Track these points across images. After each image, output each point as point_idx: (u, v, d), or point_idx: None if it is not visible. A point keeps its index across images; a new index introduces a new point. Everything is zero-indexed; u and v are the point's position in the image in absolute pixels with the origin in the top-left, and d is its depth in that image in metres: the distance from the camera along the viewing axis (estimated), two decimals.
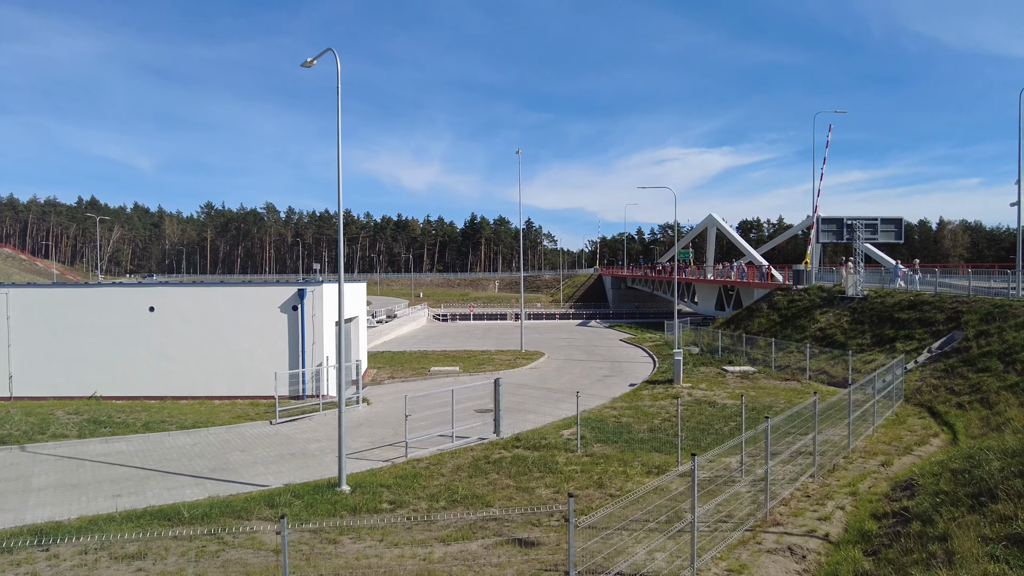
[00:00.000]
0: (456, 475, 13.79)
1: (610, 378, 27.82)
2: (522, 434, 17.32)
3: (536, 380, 27.32)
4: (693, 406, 20.59)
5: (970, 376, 19.48)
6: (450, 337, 50.83)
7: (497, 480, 13.37)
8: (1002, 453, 10.44)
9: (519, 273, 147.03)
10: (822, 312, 31.54)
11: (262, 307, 22.80)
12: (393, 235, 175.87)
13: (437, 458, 15.25)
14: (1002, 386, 17.89)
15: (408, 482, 13.27)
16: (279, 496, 12.36)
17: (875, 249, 49.53)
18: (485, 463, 14.62)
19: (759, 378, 25.82)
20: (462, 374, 28.26)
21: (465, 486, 12.90)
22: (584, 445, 16.23)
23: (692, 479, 8.17)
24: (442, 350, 38.10)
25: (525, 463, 14.44)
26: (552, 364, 32.43)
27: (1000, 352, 19.75)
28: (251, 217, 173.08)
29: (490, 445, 16.39)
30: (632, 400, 22.02)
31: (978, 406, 17.46)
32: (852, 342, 27.27)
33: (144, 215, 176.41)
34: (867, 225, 31.57)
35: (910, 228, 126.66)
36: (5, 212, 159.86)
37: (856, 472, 12.81)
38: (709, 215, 60.70)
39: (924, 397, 19.69)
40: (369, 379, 28.07)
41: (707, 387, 23.93)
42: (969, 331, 22.32)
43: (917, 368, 22.20)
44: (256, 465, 15.30)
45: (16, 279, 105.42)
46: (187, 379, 22.80)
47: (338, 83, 13.08)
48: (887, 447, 14.71)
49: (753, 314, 36.48)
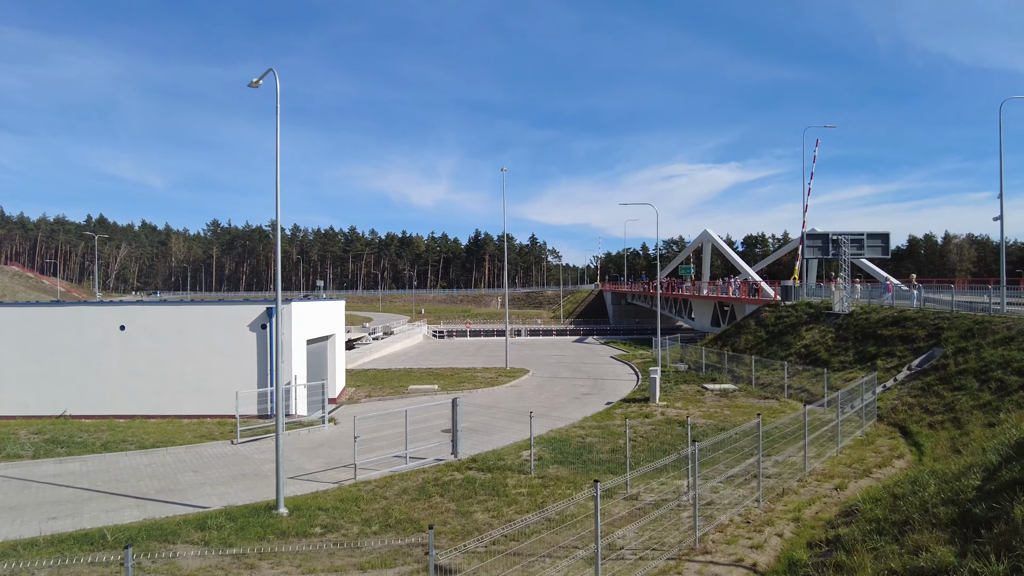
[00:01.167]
0: (399, 498, 13.50)
1: (589, 396, 27.44)
2: (480, 455, 17.01)
3: (513, 399, 26.99)
4: (663, 425, 20.19)
5: (945, 395, 19.00)
6: (441, 354, 50.58)
7: (439, 504, 13.06)
8: (941, 477, 10.05)
9: (521, 289, 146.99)
10: (808, 329, 31.06)
11: (231, 325, 22.68)
12: (398, 252, 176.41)
13: (386, 480, 14.96)
14: (975, 405, 17.41)
15: (348, 505, 12.99)
16: (212, 519, 12.11)
17: (871, 264, 49.00)
18: (433, 486, 14.32)
19: (738, 396, 25.36)
20: (440, 392, 27.96)
21: (404, 510, 12.61)
22: (541, 466, 15.91)
23: (595, 506, 7.86)
24: (427, 368, 37.85)
25: (473, 486, 14.14)
26: (534, 382, 32.08)
27: (976, 370, 19.27)
28: (256, 235, 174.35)
29: (445, 467, 16.08)
30: (603, 419, 21.64)
31: (950, 426, 16.98)
32: (835, 359, 26.79)
33: (151, 233, 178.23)
34: (853, 240, 31.17)
35: (916, 242, 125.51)
36: (15, 230, 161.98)
37: (807, 496, 12.39)
38: (704, 231, 60.36)
39: (898, 416, 19.20)
40: (346, 397, 27.85)
41: (683, 406, 23.51)
42: (948, 348, 21.84)
43: (896, 386, 21.72)
44: (205, 486, 15.08)
45: (21, 297, 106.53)
46: (157, 398, 22.68)
47: (277, 102, 13.03)
48: (847, 469, 14.28)
49: (741, 331, 36.01)
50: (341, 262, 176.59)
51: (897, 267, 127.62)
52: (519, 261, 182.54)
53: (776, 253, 67.26)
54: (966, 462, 10.19)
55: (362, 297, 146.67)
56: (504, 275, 39.32)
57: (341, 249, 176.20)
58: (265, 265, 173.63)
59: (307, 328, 24.05)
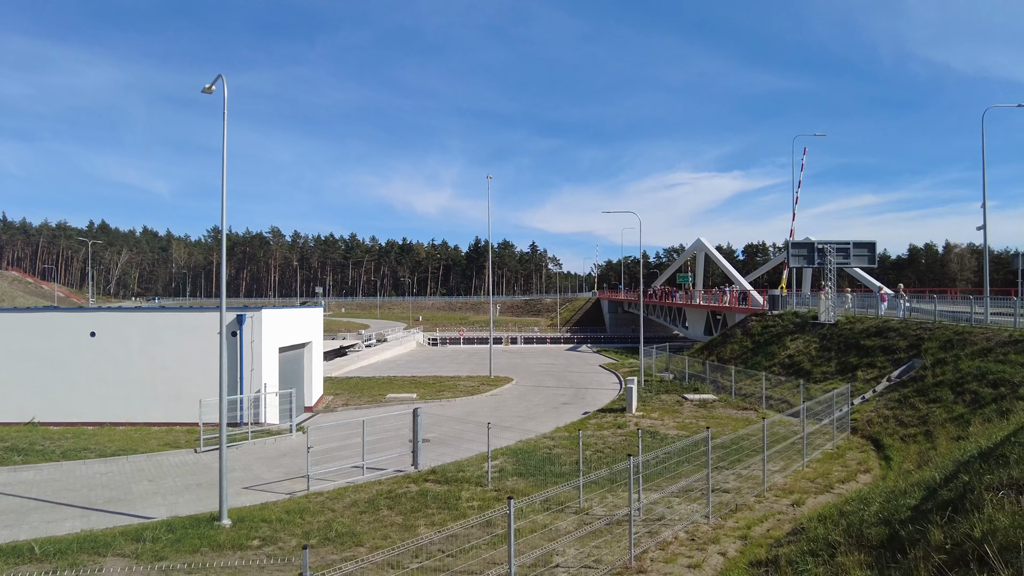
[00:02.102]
0: (347, 511, 13.20)
1: (568, 406, 27.10)
2: (442, 467, 16.70)
3: (490, 408, 26.67)
4: (634, 436, 19.81)
5: (920, 407, 18.62)
6: (431, 362, 50.29)
7: (386, 517, 12.76)
8: (888, 495, 9.72)
9: (521, 297, 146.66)
10: (793, 338, 30.68)
11: (202, 332, 22.48)
12: (398, 259, 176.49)
13: (339, 492, 14.67)
14: (948, 418, 17.04)
15: (293, 517, 12.70)
16: (151, 530, 11.83)
17: (864, 273, 48.52)
18: (385, 498, 14.02)
19: (717, 407, 24.98)
20: (418, 401, 27.67)
21: (348, 523, 12.31)
22: (501, 478, 15.61)
23: (509, 526, 7.55)
24: (411, 376, 37.56)
25: (425, 499, 13.84)
26: (516, 391, 31.75)
27: (952, 381, 18.89)
28: (256, 241, 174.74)
29: (403, 478, 15.79)
30: (575, 430, 21.26)
31: (922, 439, 16.61)
32: (817, 370, 26.41)
33: (153, 239, 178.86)
34: (839, 249, 30.80)
35: (916, 252, 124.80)
36: (17, 236, 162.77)
37: (761, 512, 12.05)
38: (698, 239, 60.03)
39: (873, 428, 18.83)
40: (323, 406, 27.58)
41: (659, 416, 23.15)
42: (927, 359, 21.46)
43: (874, 397, 21.34)
44: (156, 496, 14.81)
45: (20, 302, 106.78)
46: (127, 405, 22.46)
47: (224, 107, 12.83)
48: (809, 484, 13.92)
49: (727, 340, 35.64)
50: (341, 269, 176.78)
51: (898, 276, 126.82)
52: (519, 269, 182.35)
53: (772, 262, 66.88)
54: (916, 479, 9.85)
55: (361, 304, 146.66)
56: (489, 282, 39.11)
57: (341, 256, 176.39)
58: (266, 271, 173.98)
59: (279, 336, 23.83)
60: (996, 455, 8.47)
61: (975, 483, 7.20)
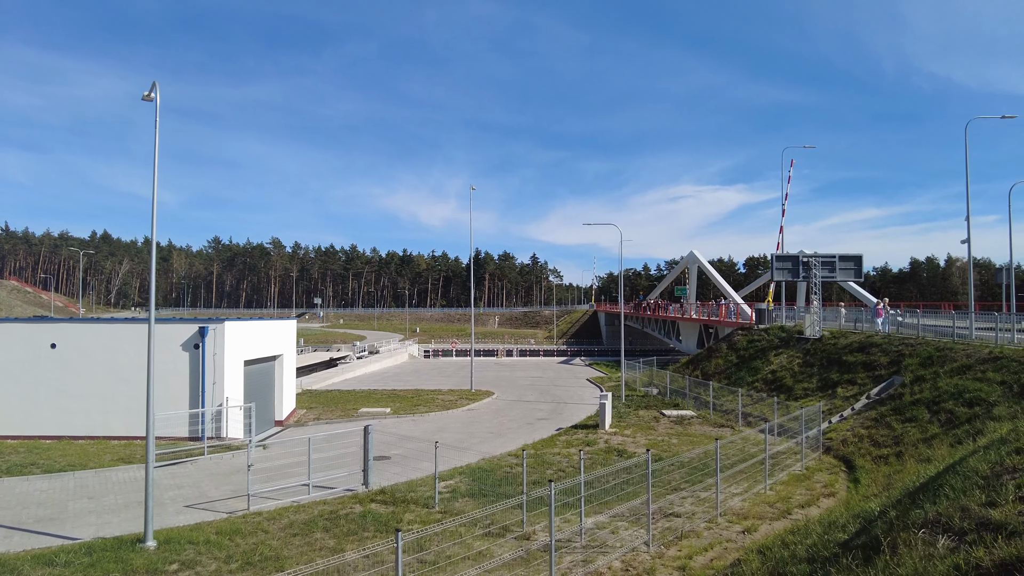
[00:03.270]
0: (281, 533, 12.63)
1: (543, 421, 26.46)
2: (394, 486, 16.12)
3: (463, 424, 26.05)
4: (600, 455, 19.22)
5: (895, 426, 17.96)
6: (418, 374, 49.71)
7: (319, 540, 12.17)
8: (828, 526, 9.12)
9: (520, 308, 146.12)
10: (777, 354, 30.02)
11: (164, 345, 21.98)
12: (398, 270, 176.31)
13: (279, 512, 14.10)
14: (921, 438, 16.39)
15: (222, 539, 12.14)
16: (66, 553, 11.28)
17: (858, 288, 47.83)
18: (325, 519, 13.45)
19: (693, 423, 24.32)
20: (391, 416, 27.10)
21: (276, 547, 11.74)
22: (452, 499, 15.05)
23: (396, 560, 6.99)
24: (392, 389, 36.98)
25: (365, 521, 13.27)
26: (494, 405, 31.12)
27: (929, 400, 18.24)
28: (257, 251, 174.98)
29: (350, 498, 15.21)
30: (542, 447, 20.69)
31: (893, 460, 15.95)
32: (799, 386, 25.75)
33: None
34: (824, 263, 30.21)
35: (918, 265, 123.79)
36: (19, 245, 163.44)
37: (709, 540, 11.41)
38: (691, 252, 59.47)
39: (847, 449, 18.17)
40: (293, 420, 27.05)
41: (631, 433, 22.51)
42: (907, 376, 20.80)
43: (852, 416, 20.68)
44: (91, 515, 14.28)
45: (18, 312, 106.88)
46: (87, 418, 21.97)
47: (156, 115, 12.44)
48: (768, 509, 13.27)
49: (713, 354, 34.98)
50: (342, 280, 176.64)
51: (900, 290, 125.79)
52: (520, 280, 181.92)
53: (765, 276, 66.17)
54: (858, 510, 9.25)
55: (360, 315, 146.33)
56: (471, 294, 38.63)
57: (341, 267, 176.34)
58: (266, 282, 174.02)
59: (245, 348, 23.35)
60: (935, 486, 7.88)
61: (900, 520, 6.62)
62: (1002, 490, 6.09)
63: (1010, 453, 7.60)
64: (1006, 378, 16.91)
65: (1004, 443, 8.29)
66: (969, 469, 7.61)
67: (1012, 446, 7.89)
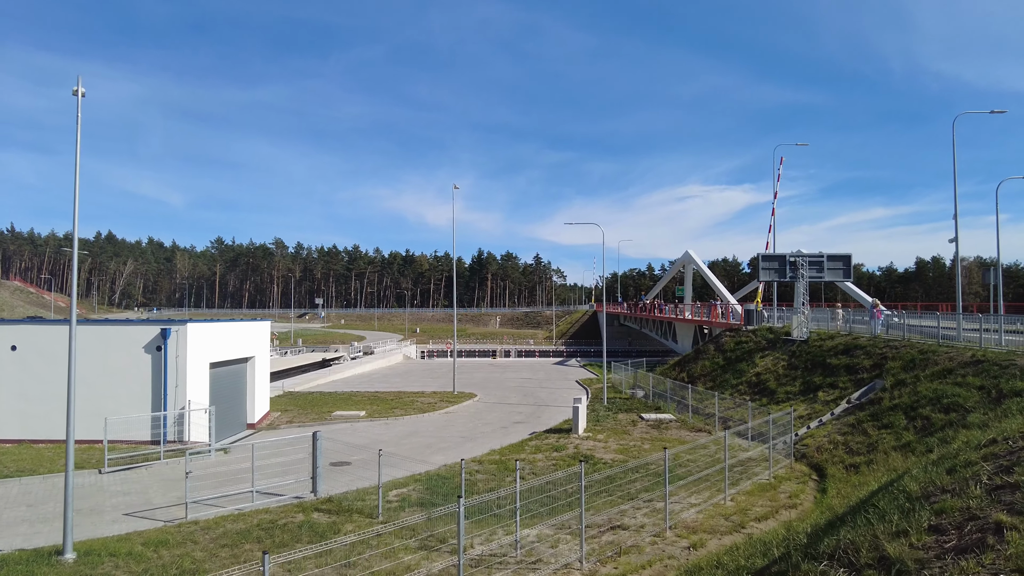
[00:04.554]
0: (211, 544, 12.09)
1: (519, 425, 25.84)
2: (344, 494, 15.56)
3: (437, 427, 25.47)
4: (566, 461, 18.58)
5: (872, 433, 17.22)
6: (408, 375, 49.20)
7: (247, 552, 11.62)
8: (767, 544, 8.47)
9: (521, 309, 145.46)
10: (763, 356, 29.26)
11: (126, 347, 21.61)
12: (400, 270, 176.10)
13: (218, 521, 13.57)
14: (896, 445, 15.66)
15: (147, 551, 11.62)
16: None
17: (854, 288, 46.88)
18: (262, 529, 12.91)
19: (671, 428, 23.64)
20: (364, 420, 26.57)
21: (199, 559, 11.20)
22: (400, 508, 14.48)
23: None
24: (375, 391, 36.45)
25: (301, 531, 12.72)
26: (473, 408, 30.53)
27: (908, 405, 17.49)
28: (260, 252, 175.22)
29: (294, 507, 14.66)
30: (509, 453, 20.07)
31: (865, 469, 15.21)
32: (781, 389, 25.00)
33: (158, 249, 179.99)
34: (812, 262, 29.43)
35: (924, 265, 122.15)
36: (25, 246, 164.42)
37: (651, 556, 10.77)
38: (686, 252, 58.64)
39: (822, 456, 17.45)
40: (266, 423, 26.57)
41: (605, 438, 21.85)
42: (888, 380, 20.04)
43: (831, 421, 19.93)
44: (23, 523, 13.84)
45: (20, 312, 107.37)
46: (48, 421, 21.50)
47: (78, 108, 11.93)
48: (724, 522, 12.59)
49: (700, 356, 34.24)
50: (344, 280, 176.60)
51: (905, 291, 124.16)
52: (523, 281, 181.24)
53: None
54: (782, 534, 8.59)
55: (361, 315, 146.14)
56: (453, 293, 38.03)
57: (344, 267, 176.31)
58: (269, 282, 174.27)
59: (211, 351, 22.87)
60: (864, 507, 7.22)
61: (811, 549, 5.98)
62: (915, 518, 5.44)
63: (950, 470, 6.94)
64: (985, 383, 16.14)
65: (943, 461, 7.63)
66: (901, 489, 6.95)
67: (951, 462, 7.23)
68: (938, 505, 5.64)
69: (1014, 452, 6.68)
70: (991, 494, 5.41)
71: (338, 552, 11.43)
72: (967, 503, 5.32)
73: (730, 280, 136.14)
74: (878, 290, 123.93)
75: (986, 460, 6.74)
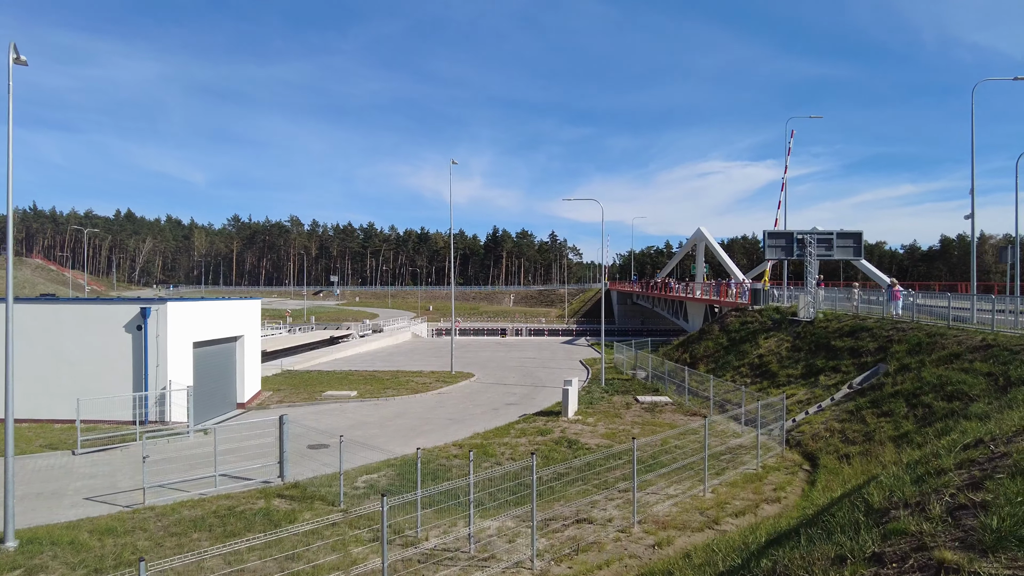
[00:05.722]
0: (161, 532, 11.67)
1: (512, 406, 25.20)
2: (310, 480, 15.09)
3: (427, 409, 24.94)
4: (548, 446, 17.90)
5: (870, 421, 16.25)
6: (413, 354, 48.84)
7: (193, 542, 11.16)
8: (727, 547, 7.70)
9: (535, 287, 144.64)
10: (767, 337, 28.17)
11: (106, 326, 21.28)
12: (415, 248, 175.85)
13: (175, 507, 13.16)
14: (892, 436, 14.71)
15: (91, 540, 11.23)
16: None
17: (869, 266, 45.36)
18: (217, 517, 12.47)
19: (665, 411, 22.83)
20: (355, 400, 26.15)
21: (142, 549, 10.76)
22: (366, 495, 13.97)
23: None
24: (374, 371, 36.06)
25: (256, 519, 12.24)
26: (469, 388, 29.96)
27: (910, 392, 16.45)
28: (276, 229, 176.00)
29: (257, 492, 14.21)
30: (493, 436, 19.44)
31: (858, 461, 14.32)
32: (783, 372, 24.01)
33: (176, 227, 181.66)
34: (821, 240, 28.15)
35: (948, 243, 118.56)
36: (47, 224, 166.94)
37: (611, 554, 10.06)
38: (698, 229, 57.09)
39: (817, 444, 16.55)
40: (256, 403, 26.28)
41: (595, 421, 21.13)
42: (892, 364, 18.96)
43: (831, 407, 18.97)
44: None
45: (41, 289, 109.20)
46: (30, 401, 21.31)
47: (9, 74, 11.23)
48: (697, 517, 11.83)
49: (704, 336, 33.22)
50: (360, 258, 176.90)
51: (929, 269, 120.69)
52: (538, 259, 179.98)
53: None
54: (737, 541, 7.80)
55: (376, 293, 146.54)
56: (452, 271, 37.21)
57: (359, 245, 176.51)
58: (286, 260, 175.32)
59: (194, 330, 22.48)
60: (826, 515, 6.40)
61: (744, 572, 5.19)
62: (861, 541, 4.61)
63: (918, 479, 6.06)
64: (993, 369, 15.03)
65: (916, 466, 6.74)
66: (863, 498, 6.10)
67: (924, 468, 6.35)
68: (891, 526, 4.80)
69: (994, 458, 5.79)
70: (951, 516, 4.55)
71: (286, 542, 10.94)
72: (920, 526, 4.48)
73: (749, 258, 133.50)
74: (900, 269, 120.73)
75: (960, 468, 5.85)
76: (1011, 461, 5.37)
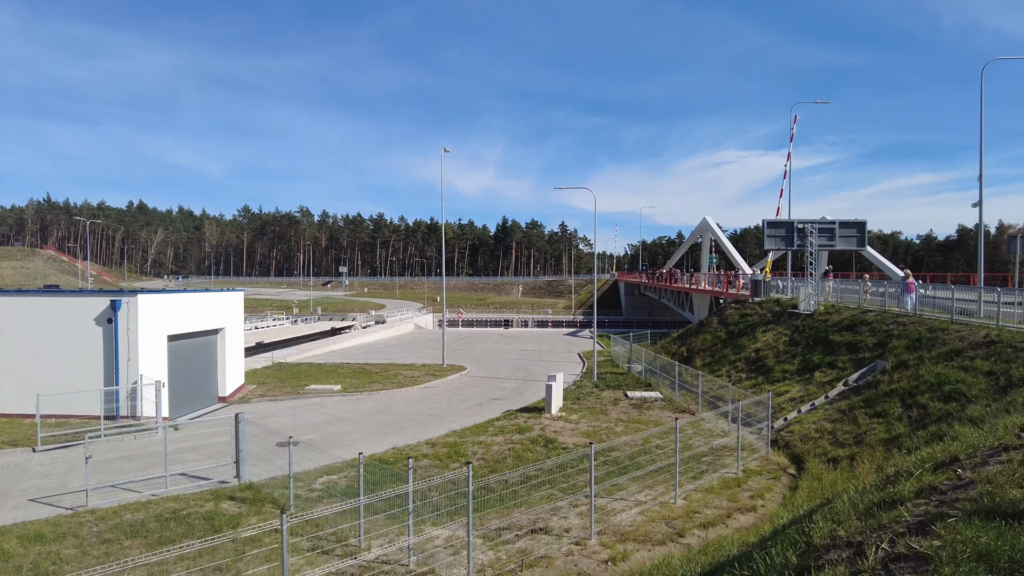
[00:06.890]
0: (93, 539, 11.04)
1: (497, 401, 24.42)
2: (266, 480, 14.43)
3: (410, 403, 24.24)
4: (524, 445, 17.11)
5: (862, 422, 15.27)
6: (410, 345, 48.24)
7: (124, 550, 10.51)
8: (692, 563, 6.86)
9: (544, 278, 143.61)
10: (766, 330, 27.11)
11: (77, 319, 20.77)
12: (425, 238, 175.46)
13: (118, 510, 12.55)
14: (885, 438, 13.74)
15: (17, 547, 10.61)
16: None
17: (880, 257, 43.93)
18: (158, 521, 11.83)
19: (653, 407, 21.94)
20: (338, 394, 25.53)
21: (68, 556, 10.14)
22: (320, 499, 13.29)
23: None
24: (364, 363, 35.47)
25: (197, 523, 11.58)
26: (457, 383, 29.23)
27: (906, 391, 15.43)
28: (286, 220, 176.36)
29: (209, 493, 13.57)
30: (469, 434, 18.69)
31: (846, 465, 13.39)
32: (779, 367, 22.99)
33: (187, 218, 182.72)
34: (822, 230, 26.95)
35: (966, 233, 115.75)
36: (61, 215, 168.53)
37: (556, 572, 9.25)
38: (704, 220, 55.78)
39: (805, 446, 15.60)
40: (238, 397, 25.75)
41: (578, 419, 20.29)
42: (890, 361, 17.90)
43: (824, 405, 17.97)
44: None
45: (52, 280, 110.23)
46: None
47: None
48: (663, 528, 10.96)
49: (702, 329, 32.19)
50: (370, 249, 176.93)
51: (945, 260, 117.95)
52: (548, 249, 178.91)
53: None
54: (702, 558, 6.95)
55: (385, 284, 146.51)
56: (442, 262, 36.41)
57: (369, 235, 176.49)
58: (296, 250, 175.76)
59: (168, 323, 21.91)
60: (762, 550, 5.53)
61: None
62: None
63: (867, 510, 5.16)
64: (994, 368, 13.97)
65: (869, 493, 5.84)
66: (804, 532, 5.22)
67: (879, 495, 5.45)
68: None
69: (958, 487, 4.88)
70: (885, 569, 3.66)
71: (220, 550, 10.26)
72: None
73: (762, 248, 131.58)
74: (916, 260, 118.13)
75: (919, 497, 4.95)
76: (974, 494, 4.46)
